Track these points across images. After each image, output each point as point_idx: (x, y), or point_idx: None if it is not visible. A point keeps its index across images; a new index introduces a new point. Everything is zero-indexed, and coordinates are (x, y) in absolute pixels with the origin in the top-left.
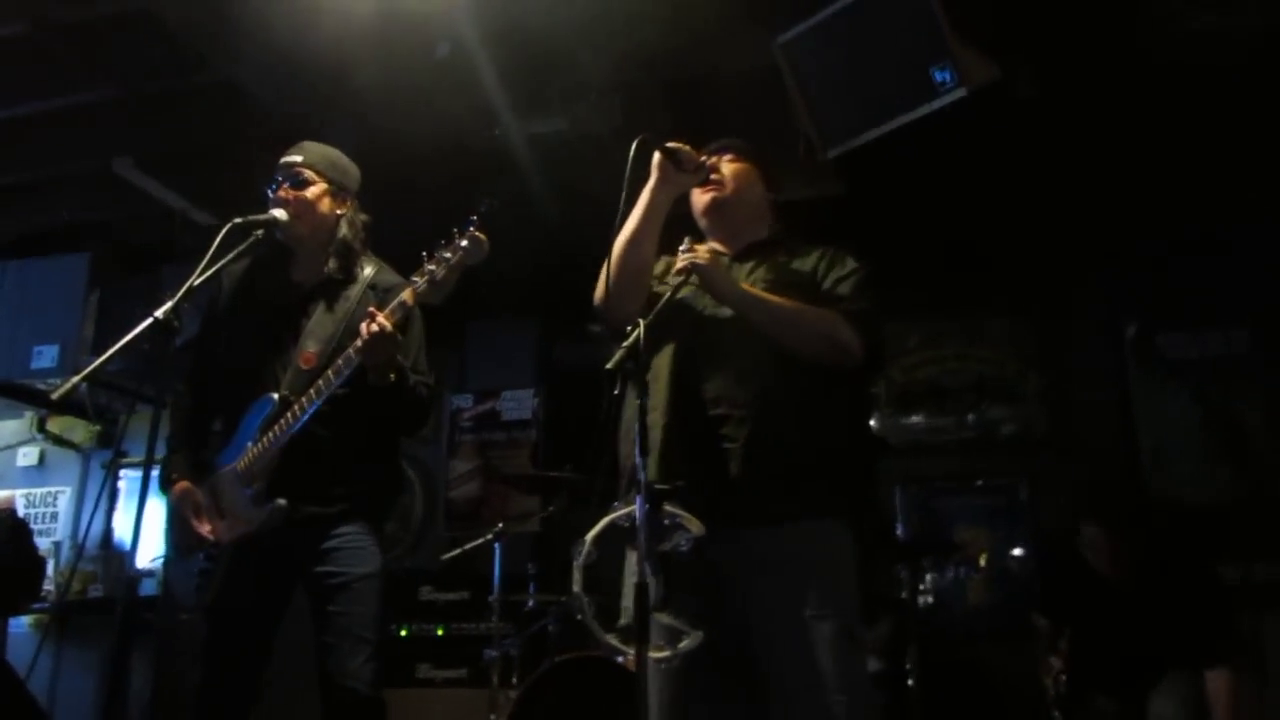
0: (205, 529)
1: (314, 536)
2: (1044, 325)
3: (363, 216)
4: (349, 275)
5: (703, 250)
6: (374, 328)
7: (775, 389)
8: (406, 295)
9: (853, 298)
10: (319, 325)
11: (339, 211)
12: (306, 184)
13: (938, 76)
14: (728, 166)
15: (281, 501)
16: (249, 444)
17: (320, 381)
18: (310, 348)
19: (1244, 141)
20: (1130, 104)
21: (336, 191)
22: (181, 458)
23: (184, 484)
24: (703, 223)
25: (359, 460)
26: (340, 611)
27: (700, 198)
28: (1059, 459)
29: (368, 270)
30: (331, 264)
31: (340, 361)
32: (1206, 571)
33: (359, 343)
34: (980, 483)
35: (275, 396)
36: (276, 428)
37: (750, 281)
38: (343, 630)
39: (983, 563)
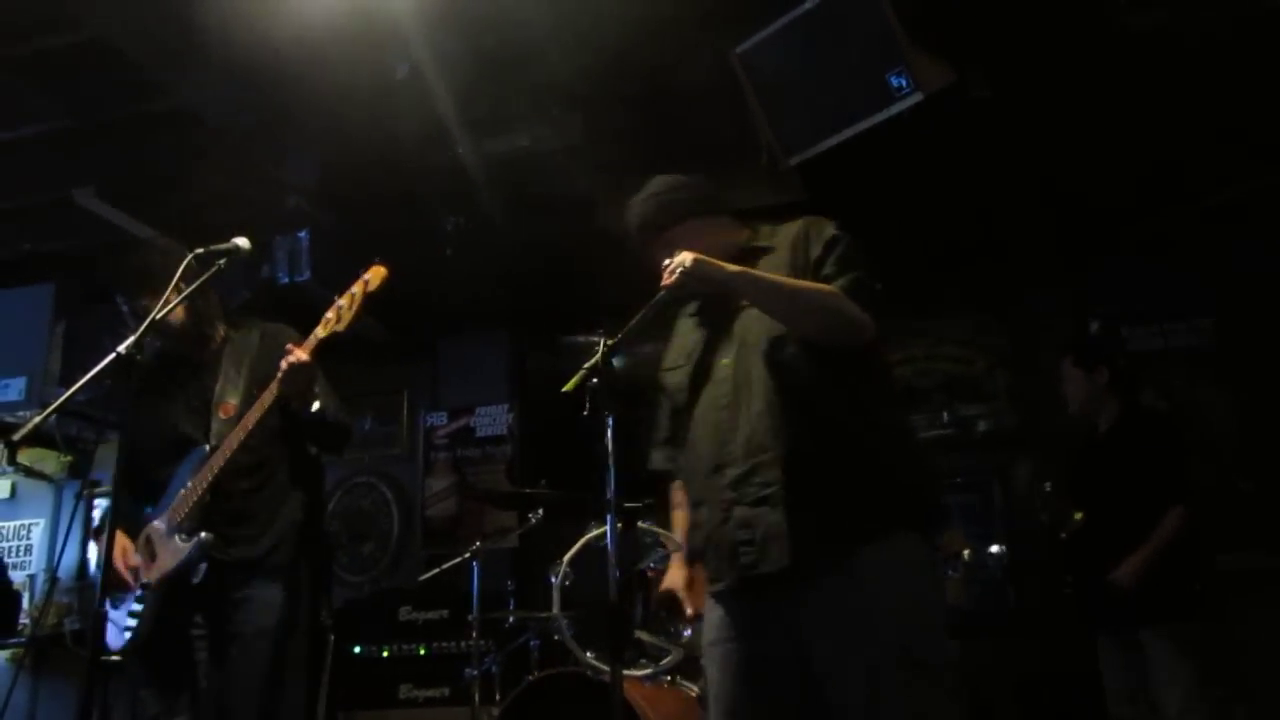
0: (130, 573)
1: (231, 583)
2: (1010, 323)
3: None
4: (239, 330)
5: (681, 257)
6: (292, 359)
7: (796, 421)
8: (319, 330)
9: (842, 271)
10: (229, 380)
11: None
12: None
13: (894, 82)
14: (678, 245)
15: (206, 535)
16: (180, 491)
17: (245, 419)
18: (229, 399)
19: (1200, 136)
20: (1086, 100)
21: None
22: (119, 512)
23: (123, 539)
24: None
25: (280, 500)
26: (233, 659)
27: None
28: (1029, 455)
29: (254, 329)
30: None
31: (264, 396)
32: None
33: (280, 374)
34: (957, 480)
35: (206, 447)
36: (205, 472)
37: (742, 309)
38: (229, 679)
39: (966, 557)
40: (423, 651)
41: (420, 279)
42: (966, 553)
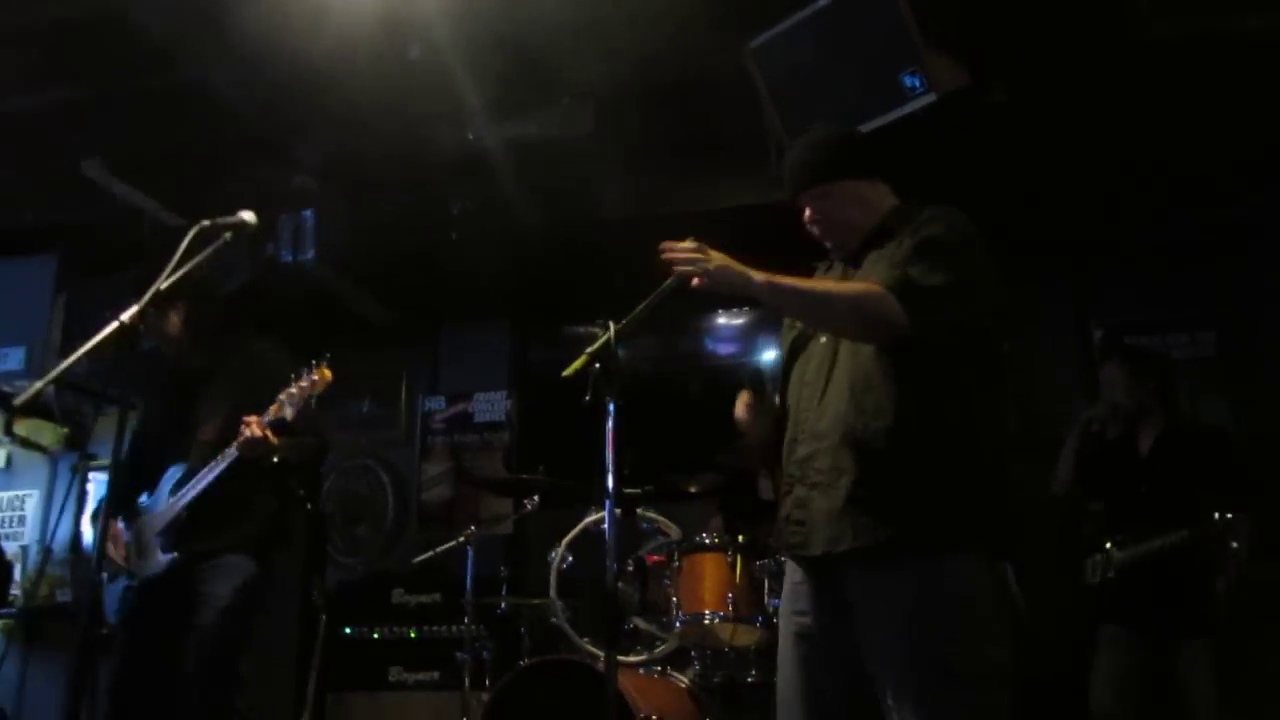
0: (122, 557)
1: (200, 560)
2: (1013, 327)
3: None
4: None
5: (684, 246)
6: (248, 434)
7: (856, 420)
8: (273, 410)
9: (909, 261)
10: (214, 406)
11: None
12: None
13: (907, 82)
14: (812, 215)
15: (179, 556)
16: (168, 498)
17: (214, 459)
18: (210, 423)
19: (1212, 145)
20: (1098, 109)
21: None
22: (116, 501)
23: (116, 528)
24: None
25: (249, 513)
26: (195, 626)
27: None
28: (1028, 460)
29: (243, 355)
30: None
31: (222, 455)
32: (1227, 432)
33: (237, 442)
34: None
35: (184, 466)
36: (182, 491)
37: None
38: (193, 644)
39: None
40: (414, 635)
41: (424, 263)
42: None
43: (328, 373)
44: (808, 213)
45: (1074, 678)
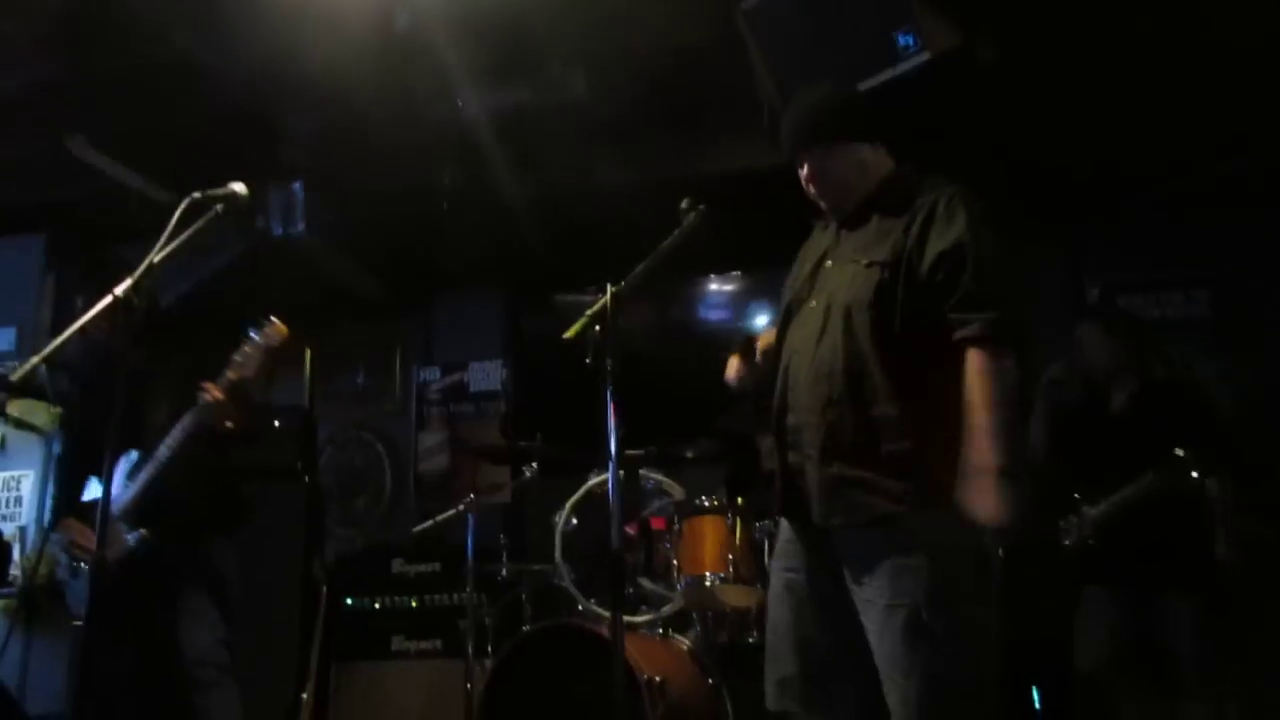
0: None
1: (169, 553)
2: None
3: None
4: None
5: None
6: (206, 398)
7: (846, 399)
8: (230, 373)
9: (981, 303)
10: (164, 388)
11: None
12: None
13: (901, 41)
14: (826, 165)
15: (143, 532)
16: (124, 484)
17: (168, 438)
18: (161, 408)
19: (1205, 105)
20: (1091, 68)
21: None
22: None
23: (67, 519)
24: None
25: (204, 498)
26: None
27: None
28: (1023, 420)
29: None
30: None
31: (180, 424)
32: (1203, 390)
33: (198, 407)
34: None
35: (136, 452)
36: (142, 475)
37: (845, 256)
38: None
39: None
40: (415, 604)
41: (416, 233)
42: None
43: (282, 328)
44: (806, 170)
45: (1062, 641)
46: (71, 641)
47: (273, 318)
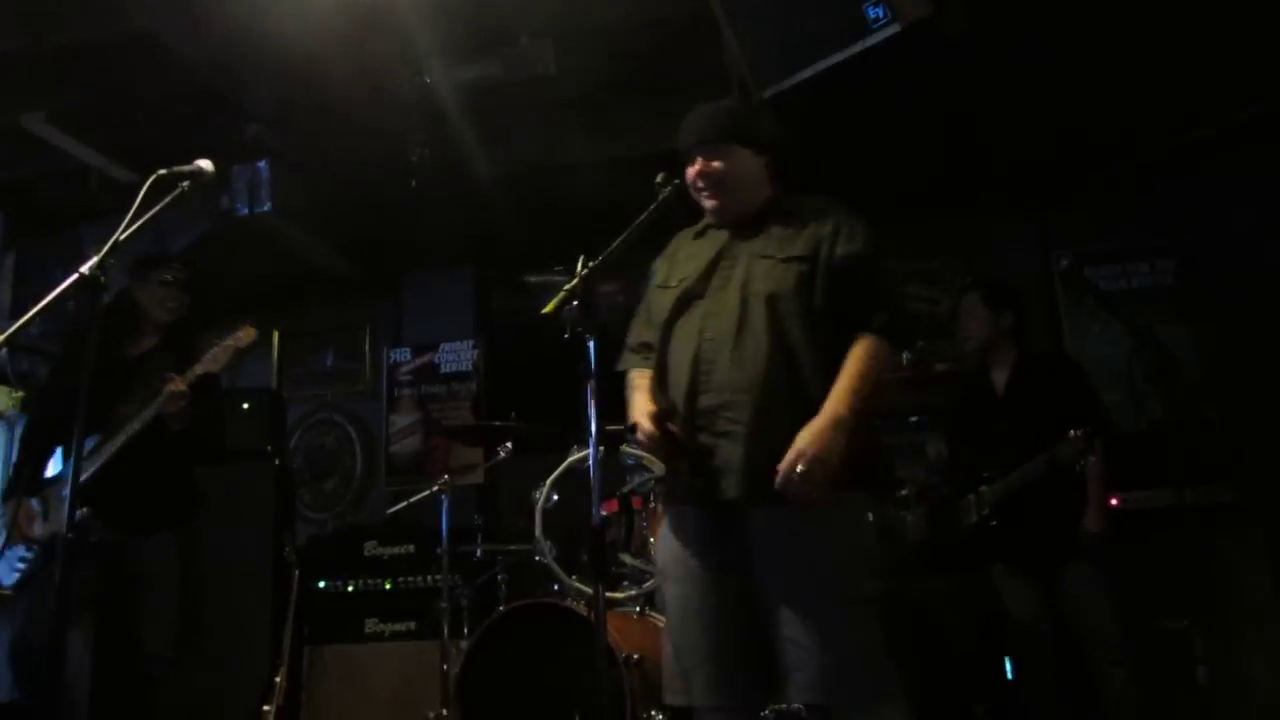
0: (30, 530)
1: (129, 545)
2: (975, 263)
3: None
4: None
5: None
6: (170, 388)
7: (777, 377)
8: (198, 368)
9: (879, 306)
10: (136, 395)
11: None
12: None
13: (871, 13)
14: (721, 163)
15: (84, 510)
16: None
17: (129, 424)
18: (132, 400)
19: (1170, 75)
20: (1057, 39)
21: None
22: (20, 479)
23: (17, 499)
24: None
25: (157, 487)
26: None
27: (705, 204)
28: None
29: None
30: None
31: (145, 411)
32: (1074, 362)
33: (161, 398)
34: (915, 419)
35: (97, 437)
36: (94, 458)
37: (750, 256)
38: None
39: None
40: (389, 586)
41: (385, 212)
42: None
43: (252, 331)
44: (698, 165)
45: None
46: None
47: (246, 323)
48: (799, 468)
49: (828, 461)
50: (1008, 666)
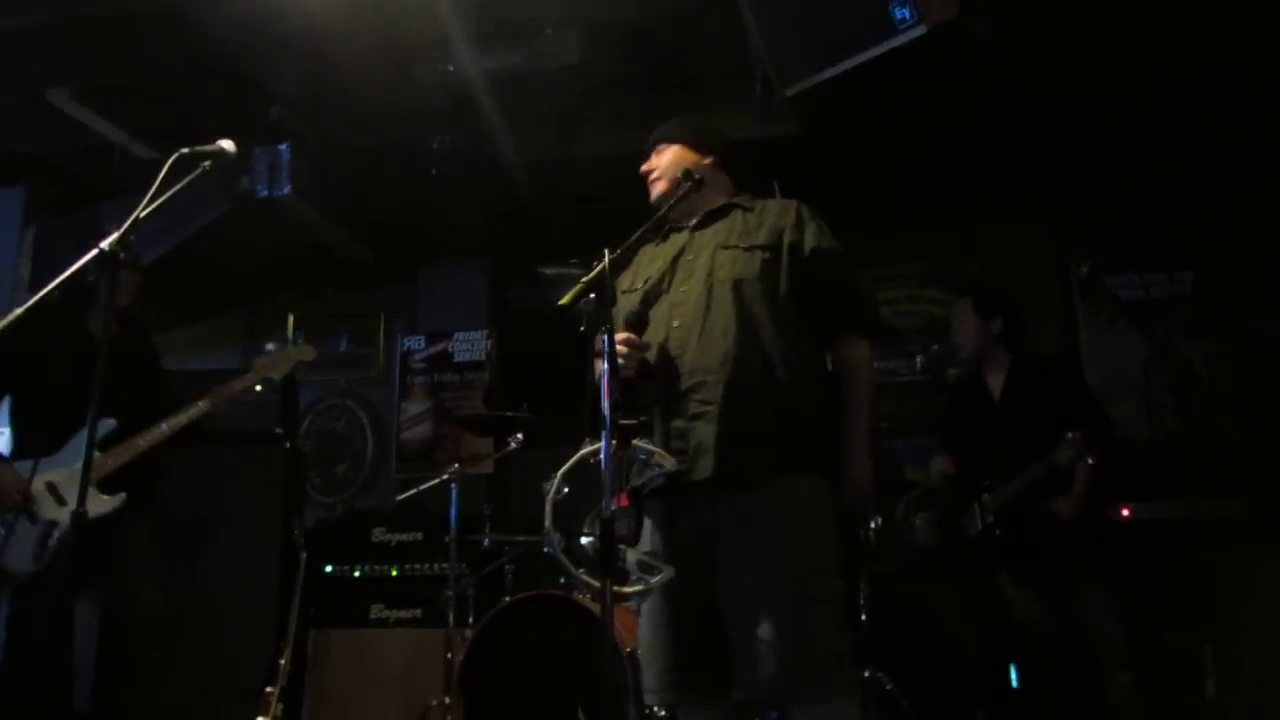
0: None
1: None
2: (994, 266)
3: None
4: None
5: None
6: (227, 393)
7: (745, 355)
8: (257, 372)
9: (851, 307)
10: (126, 373)
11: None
12: None
13: (897, 14)
14: (658, 159)
15: (123, 494)
16: (95, 454)
17: (172, 418)
18: (128, 385)
19: (1193, 84)
20: (1083, 45)
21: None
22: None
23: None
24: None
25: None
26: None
27: (651, 193)
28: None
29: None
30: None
31: (185, 412)
32: (1071, 361)
33: (216, 397)
34: (930, 423)
35: (114, 421)
36: (124, 449)
37: (712, 248)
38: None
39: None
40: (395, 573)
41: (404, 200)
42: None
43: (312, 350)
44: (651, 160)
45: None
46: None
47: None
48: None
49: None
50: (1012, 673)
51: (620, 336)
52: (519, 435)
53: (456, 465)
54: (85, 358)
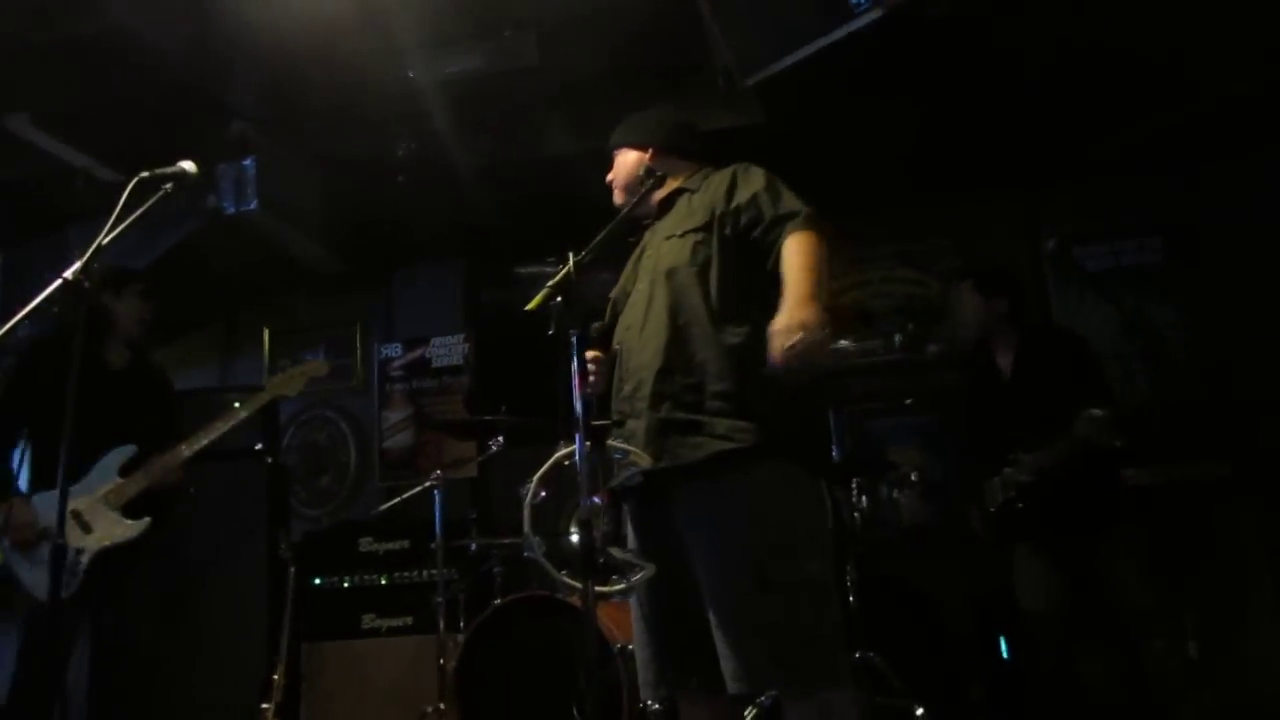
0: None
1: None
2: (965, 244)
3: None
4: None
5: (782, 340)
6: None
7: (674, 345)
8: (273, 391)
9: (791, 212)
10: (144, 402)
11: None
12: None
13: None
14: (615, 166)
15: (147, 519)
16: (114, 479)
17: (194, 440)
18: (148, 413)
19: (1154, 52)
20: (1041, 18)
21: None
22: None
23: (18, 499)
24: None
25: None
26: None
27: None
28: None
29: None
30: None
31: (208, 429)
32: (1077, 335)
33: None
34: (909, 402)
35: (133, 448)
36: (144, 474)
37: (660, 239)
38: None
39: (914, 479)
40: (384, 582)
41: (372, 208)
42: (915, 474)
43: (325, 365)
44: (613, 167)
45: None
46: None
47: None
48: (781, 344)
49: (817, 327)
50: (1003, 646)
51: (589, 355)
52: (499, 438)
53: (439, 471)
54: (101, 386)
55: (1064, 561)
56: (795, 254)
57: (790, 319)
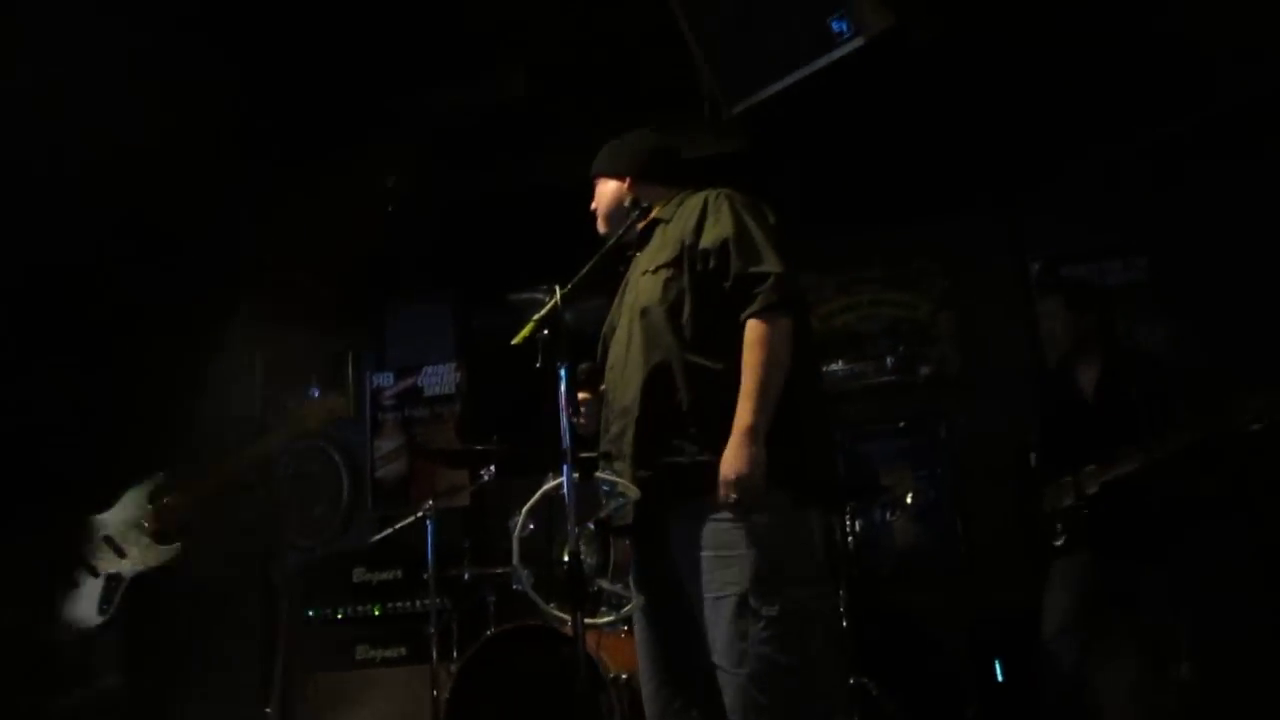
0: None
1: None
2: (952, 266)
3: None
4: None
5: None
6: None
7: (648, 391)
8: (292, 426)
9: (754, 279)
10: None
11: None
12: None
13: (835, 27)
14: (598, 191)
15: (178, 545)
16: (146, 505)
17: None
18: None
19: (1138, 73)
20: (1022, 41)
21: None
22: None
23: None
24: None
25: None
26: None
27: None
28: (973, 396)
29: None
30: None
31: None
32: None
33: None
34: (901, 424)
35: (161, 474)
36: (176, 500)
37: (638, 273)
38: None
39: (909, 501)
40: (378, 612)
41: (362, 238)
42: (910, 496)
43: (345, 403)
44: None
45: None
46: None
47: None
48: (731, 497)
49: (750, 476)
50: (998, 669)
51: (580, 396)
52: (492, 467)
53: (432, 501)
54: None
55: (1108, 576)
56: (751, 351)
57: (725, 470)
